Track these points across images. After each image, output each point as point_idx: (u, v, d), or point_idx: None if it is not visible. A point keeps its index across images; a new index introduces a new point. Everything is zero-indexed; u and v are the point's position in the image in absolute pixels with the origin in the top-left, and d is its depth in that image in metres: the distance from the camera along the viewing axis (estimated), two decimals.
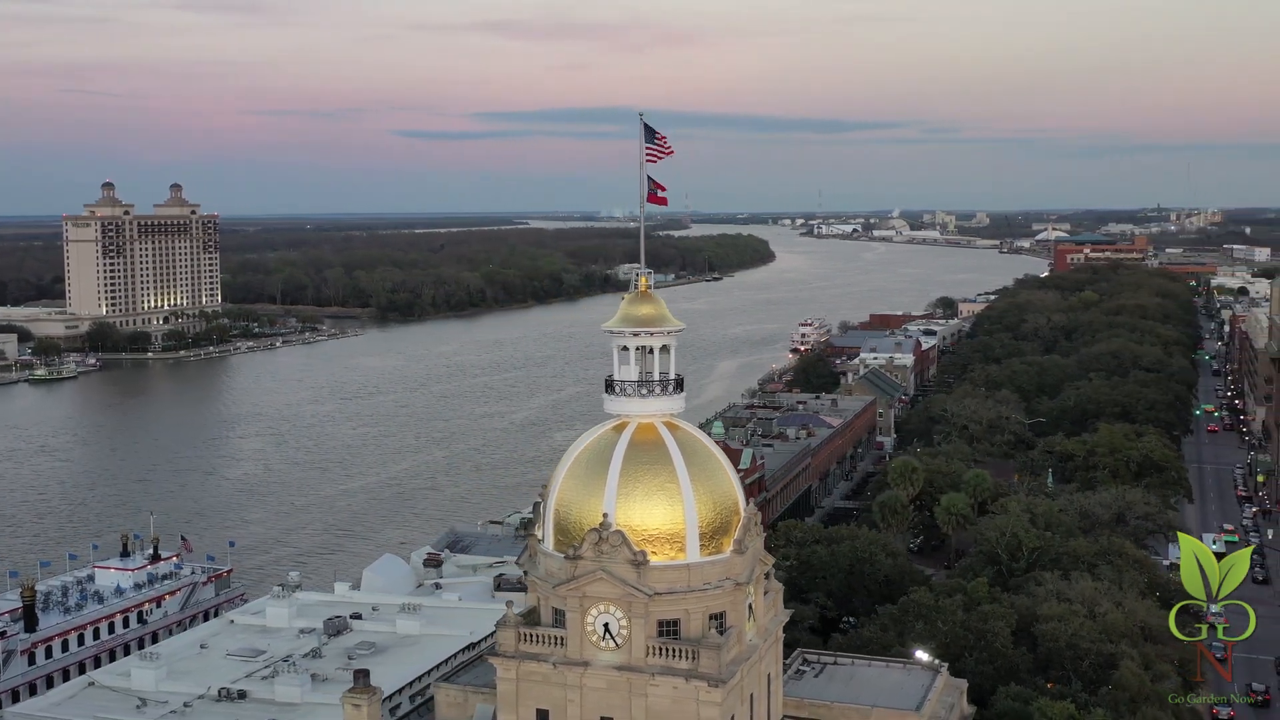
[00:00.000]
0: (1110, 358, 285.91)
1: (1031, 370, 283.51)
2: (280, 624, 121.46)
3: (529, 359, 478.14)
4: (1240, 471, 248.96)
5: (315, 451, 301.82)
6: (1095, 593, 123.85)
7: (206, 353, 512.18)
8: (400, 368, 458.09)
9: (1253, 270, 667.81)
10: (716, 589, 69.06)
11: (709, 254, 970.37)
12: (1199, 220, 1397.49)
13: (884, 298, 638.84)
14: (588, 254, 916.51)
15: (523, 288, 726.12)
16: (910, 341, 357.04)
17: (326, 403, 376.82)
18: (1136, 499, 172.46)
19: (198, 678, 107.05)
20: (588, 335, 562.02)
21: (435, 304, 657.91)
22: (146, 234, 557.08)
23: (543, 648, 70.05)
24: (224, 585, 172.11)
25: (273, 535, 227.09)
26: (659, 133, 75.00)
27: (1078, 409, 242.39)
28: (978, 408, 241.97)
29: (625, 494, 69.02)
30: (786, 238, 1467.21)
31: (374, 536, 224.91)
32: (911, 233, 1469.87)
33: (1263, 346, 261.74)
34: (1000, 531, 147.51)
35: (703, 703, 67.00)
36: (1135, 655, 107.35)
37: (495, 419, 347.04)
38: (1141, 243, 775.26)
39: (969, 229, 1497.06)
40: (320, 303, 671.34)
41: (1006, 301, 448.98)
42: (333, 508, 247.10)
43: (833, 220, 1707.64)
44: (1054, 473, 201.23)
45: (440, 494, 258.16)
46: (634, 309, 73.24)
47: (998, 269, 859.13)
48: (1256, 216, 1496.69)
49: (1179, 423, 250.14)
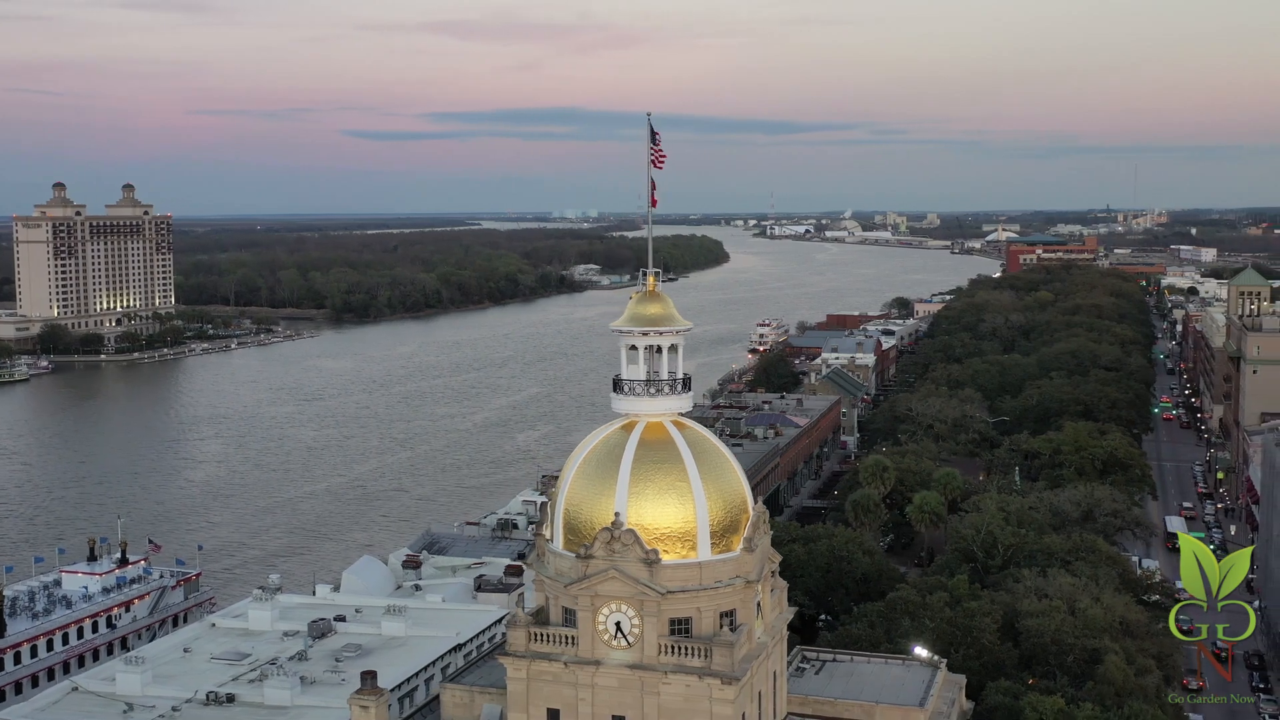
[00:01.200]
0: (1070, 357, 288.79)
1: (993, 369, 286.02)
2: (263, 627, 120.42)
3: (487, 360, 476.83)
4: (1200, 469, 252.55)
5: (277, 453, 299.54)
6: (1074, 589, 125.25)
7: (161, 355, 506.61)
8: (358, 369, 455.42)
9: (1201, 271, 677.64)
10: (728, 587, 69.38)
11: (664, 255, 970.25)
12: (1145, 221, 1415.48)
13: (839, 298, 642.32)
14: (542, 255, 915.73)
15: (478, 289, 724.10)
16: (871, 341, 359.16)
17: (286, 404, 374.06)
18: (1104, 496, 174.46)
19: (183, 682, 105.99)
20: (545, 336, 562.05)
21: (391, 305, 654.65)
22: (99, 235, 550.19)
23: (553, 647, 70.06)
24: (193, 589, 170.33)
25: (238, 538, 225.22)
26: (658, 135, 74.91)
27: (1040, 407, 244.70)
28: (943, 407, 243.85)
29: (637, 493, 69.16)
30: (740, 238, 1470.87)
31: (342, 538, 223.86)
32: (864, 233, 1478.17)
33: (1220, 346, 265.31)
34: (976, 529, 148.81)
35: (716, 700, 67.24)
36: (1118, 650, 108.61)
37: (457, 420, 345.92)
38: (1092, 243, 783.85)
39: (920, 230, 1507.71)
40: (274, 304, 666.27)
41: (964, 301, 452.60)
42: (297, 510, 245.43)
43: (785, 221, 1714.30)
44: (1020, 471, 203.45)
45: (407, 495, 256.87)
46: (643, 308, 73.34)
47: (950, 269, 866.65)
48: (1200, 218, 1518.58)
49: (1140, 421, 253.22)
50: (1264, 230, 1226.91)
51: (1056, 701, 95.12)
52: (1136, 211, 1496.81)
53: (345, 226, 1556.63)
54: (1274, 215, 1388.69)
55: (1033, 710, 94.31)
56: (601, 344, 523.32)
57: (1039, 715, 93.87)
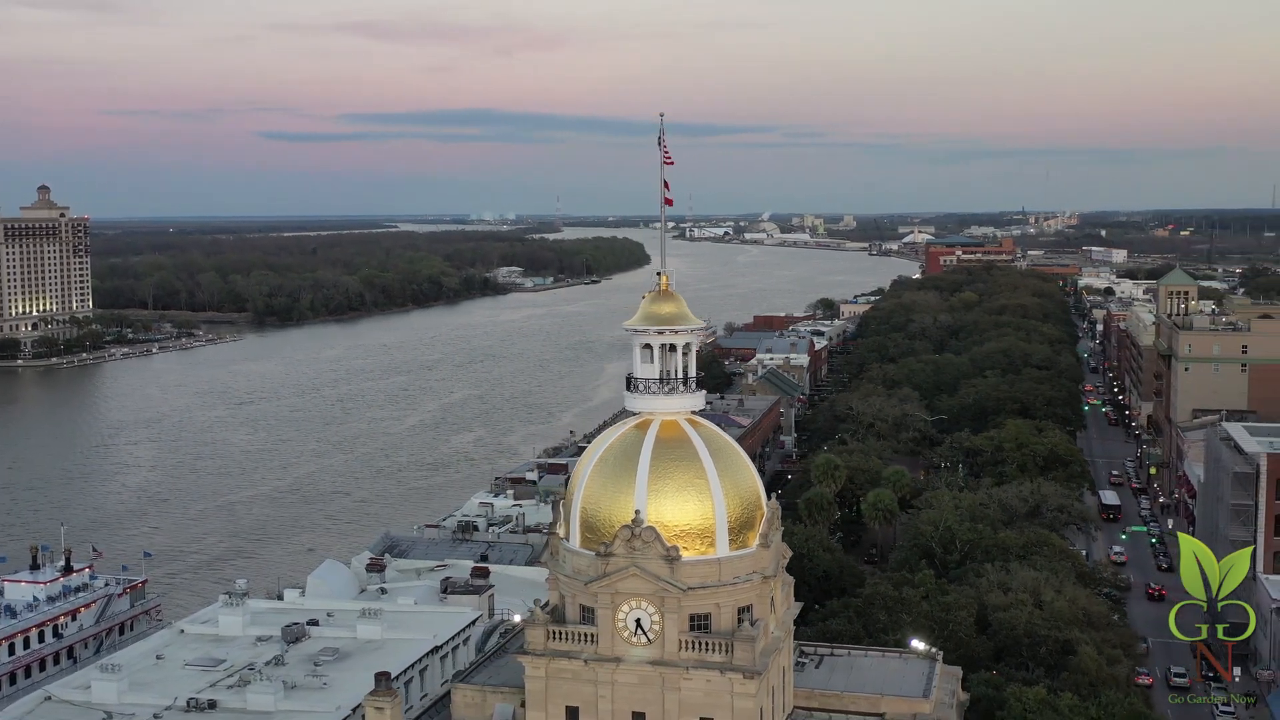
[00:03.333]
0: (1002, 356, 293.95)
1: (928, 369, 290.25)
2: (234, 632, 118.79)
3: (416, 363, 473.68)
4: (1131, 464, 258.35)
5: (212, 457, 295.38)
6: (1037, 582, 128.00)
7: (80, 360, 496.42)
8: (285, 372, 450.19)
9: (1115, 271, 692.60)
10: (746, 583, 70.17)
11: (586, 256, 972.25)
12: (1056, 223, 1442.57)
13: (764, 299, 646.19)
14: (464, 257, 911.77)
15: (402, 291, 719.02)
16: (804, 342, 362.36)
17: (216, 408, 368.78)
18: (1051, 492, 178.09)
19: (160, 689, 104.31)
20: (473, 339, 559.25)
21: (314, 308, 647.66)
22: (13, 238, 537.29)
23: (573, 645, 70.35)
24: (139, 596, 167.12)
25: (178, 544, 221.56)
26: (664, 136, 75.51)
27: (977, 406, 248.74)
28: (883, 406, 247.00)
29: (656, 490, 69.68)
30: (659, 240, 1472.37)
31: (288, 542, 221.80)
32: (782, 235, 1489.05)
33: (1149, 344, 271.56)
34: (934, 525, 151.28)
35: (737, 695, 67.98)
36: (1089, 641, 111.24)
37: (390, 423, 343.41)
38: (1009, 245, 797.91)
39: (838, 232, 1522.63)
40: (194, 307, 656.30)
41: (892, 302, 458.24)
42: (238, 514, 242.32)
43: (704, 223, 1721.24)
44: (963, 468, 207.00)
45: (348, 498, 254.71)
46: (657, 307, 73.90)
47: (869, 271, 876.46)
48: (1109, 220, 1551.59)
49: (1074, 418, 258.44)
50: (1170, 232, 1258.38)
51: (1039, 692, 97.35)
52: (1048, 213, 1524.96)
53: (261, 229, 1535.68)
54: (1178, 217, 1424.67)
55: (1016, 701, 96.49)
56: (531, 346, 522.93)
57: (1022, 705, 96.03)
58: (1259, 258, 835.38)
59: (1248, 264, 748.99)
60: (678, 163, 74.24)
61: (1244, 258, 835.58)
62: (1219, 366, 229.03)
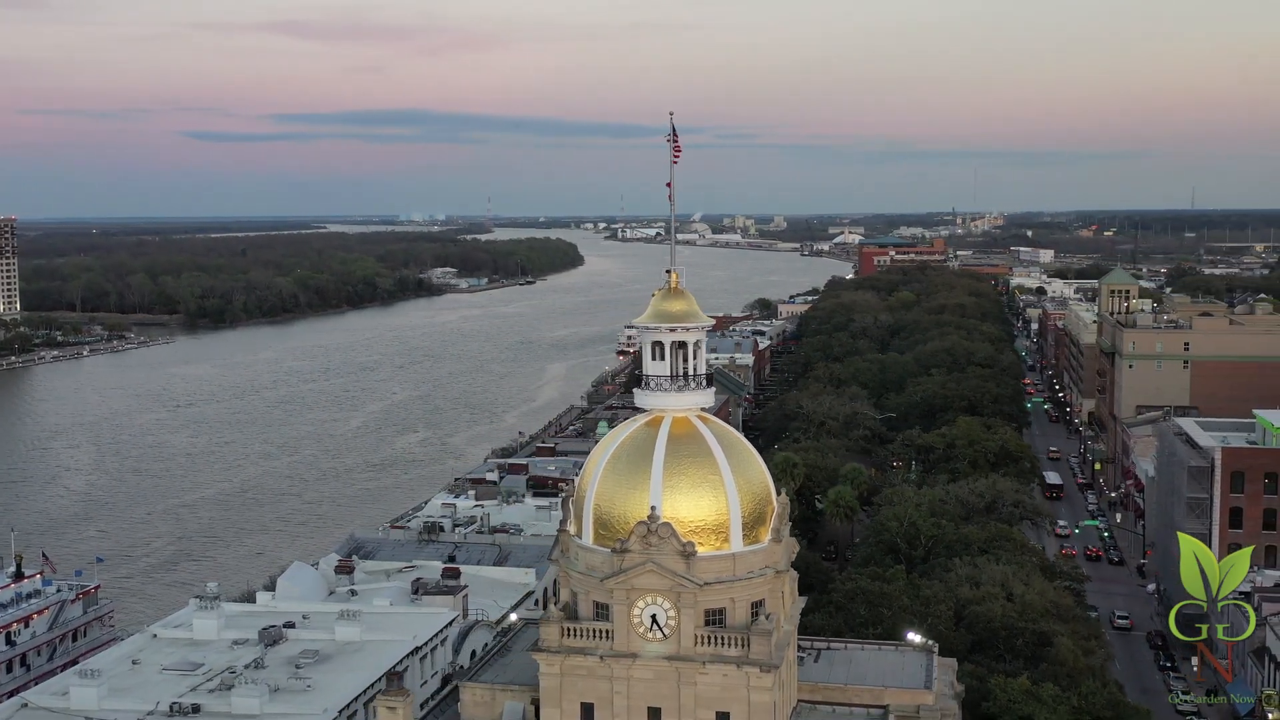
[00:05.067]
0: (946, 354, 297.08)
1: (874, 367, 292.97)
2: (209, 636, 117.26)
3: (355, 365, 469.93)
4: (1075, 460, 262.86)
5: (155, 460, 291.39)
6: (1006, 576, 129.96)
7: (9, 363, 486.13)
8: (223, 375, 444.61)
9: (1045, 271, 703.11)
10: (759, 577, 70.77)
11: (520, 257, 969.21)
12: (983, 224, 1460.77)
13: (700, 299, 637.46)
14: (397, 258, 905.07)
15: (336, 292, 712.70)
16: (749, 341, 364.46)
17: (155, 411, 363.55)
18: (1006, 488, 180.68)
19: (141, 694, 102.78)
20: (411, 340, 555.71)
21: (247, 310, 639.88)
22: None
23: (587, 641, 70.54)
24: (92, 602, 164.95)
25: (125, 548, 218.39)
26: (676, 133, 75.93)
27: (925, 404, 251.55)
28: (833, 404, 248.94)
29: (671, 486, 70.03)
30: (591, 241, 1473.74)
31: (238, 545, 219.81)
32: (714, 236, 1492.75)
33: (1091, 342, 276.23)
34: (899, 521, 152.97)
35: (754, 688, 68.54)
36: (1064, 632, 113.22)
37: (333, 425, 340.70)
38: (940, 245, 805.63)
39: (769, 232, 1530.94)
40: (124, 310, 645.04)
41: (831, 302, 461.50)
42: (182, 518, 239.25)
43: (635, 224, 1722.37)
44: (916, 465, 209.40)
45: (297, 500, 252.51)
46: (667, 305, 74.29)
47: (802, 271, 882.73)
48: (1034, 220, 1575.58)
49: (1019, 415, 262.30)
50: (1094, 232, 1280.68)
51: (1023, 683, 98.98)
52: (974, 214, 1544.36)
53: (187, 230, 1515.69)
54: (1101, 218, 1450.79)
55: (1002, 692, 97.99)
56: (470, 347, 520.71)
57: (1008, 696, 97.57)
58: (1181, 257, 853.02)
59: (1172, 264, 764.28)
60: (605, 164, 74.83)
61: (1167, 257, 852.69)
62: (1162, 363, 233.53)
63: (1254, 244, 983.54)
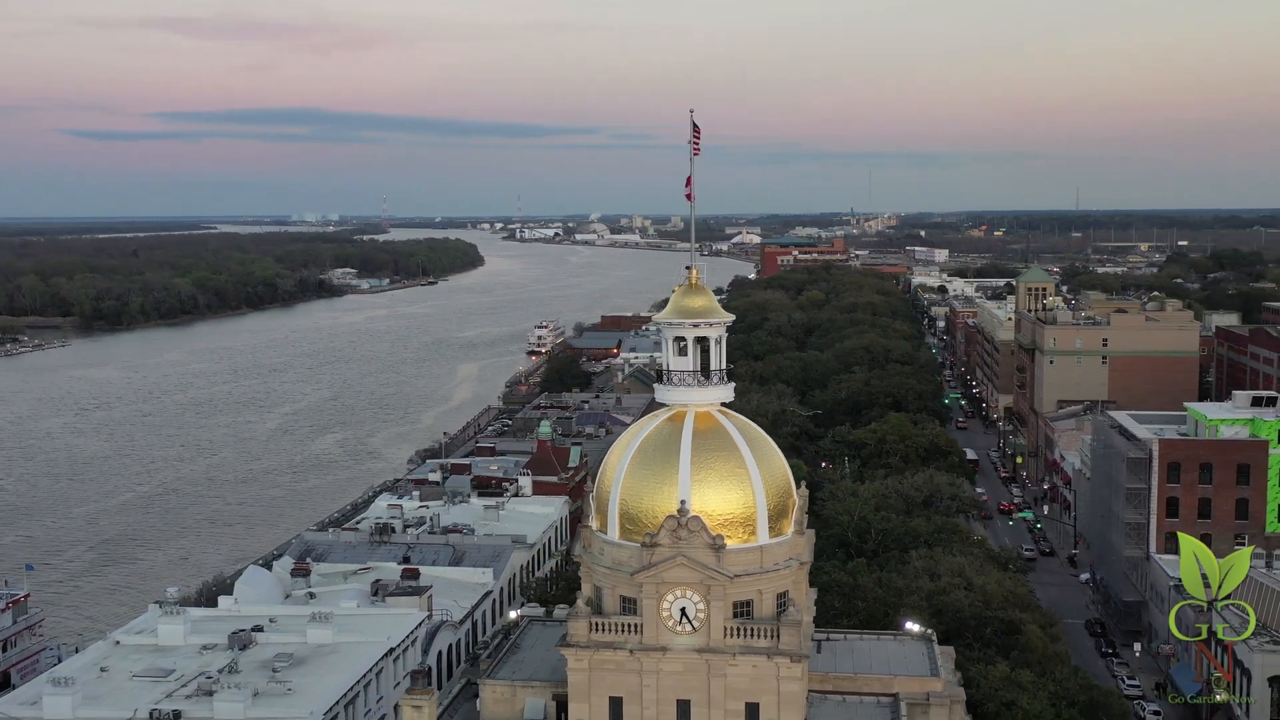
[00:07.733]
0: (864, 352, 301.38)
1: (796, 365, 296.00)
2: (175, 641, 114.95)
3: (262, 366, 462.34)
4: (995, 455, 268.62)
5: (67, 464, 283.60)
6: (962, 567, 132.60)
7: None
8: (126, 378, 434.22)
9: (943, 270, 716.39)
10: (785, 569, 71.64)
11: (421, 258, 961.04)
12: (877, 224, 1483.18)
13: (605, 299, 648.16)
14: (295, 259, 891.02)
15: (236, 294, 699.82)
16: None
17: (61, 415, 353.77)
18: (943, 482, 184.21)
19: (114, 701, 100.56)
20: (316, 341, 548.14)
21: (145, 312, 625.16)
22: None
23: (616, 635, 70.78)
24: (21, 611, 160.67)
25: (46, 556, 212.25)
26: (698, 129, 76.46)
27: (850, 400, 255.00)
28: (761, 401, 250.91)
29: (699, 480, 70.59)
30: (490, 242, 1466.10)
31: (165, 548, 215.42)
32: (612, 236, 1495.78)
33: (1008, 339, 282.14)
34: (850, 515, 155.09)
35: (784, 678, 69.37)
36: (1032, 620, 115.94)
37: (248, 427, 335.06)
38: (840, 245, 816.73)
39: (667, 232, 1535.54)
40: (14, 312, 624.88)
41: (742, 301, 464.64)
42: (101, 523, 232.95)
43: (533, 224, 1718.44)
44: (851, 461, 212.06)
45: (219, 503, 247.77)
46: (689, 301, 74.87)
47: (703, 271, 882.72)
48: (925, 221, 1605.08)
49: (941, 411, 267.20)
50: (984, 232, 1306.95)
51: (1003, 669, 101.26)
52: (868, 215, 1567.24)
53: (72, 230, 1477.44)
54: (990, 218, 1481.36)
55: (983, 679, 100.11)
56: (378, 348, 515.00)
57: (990, 683, 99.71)
58: (1070, 256, 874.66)
59: (1064, 263, 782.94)
60: (501, 165, 75.30)
61: (1058, 257, 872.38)
62: (1081, 359, 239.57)
63: (1138, 243, 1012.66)
